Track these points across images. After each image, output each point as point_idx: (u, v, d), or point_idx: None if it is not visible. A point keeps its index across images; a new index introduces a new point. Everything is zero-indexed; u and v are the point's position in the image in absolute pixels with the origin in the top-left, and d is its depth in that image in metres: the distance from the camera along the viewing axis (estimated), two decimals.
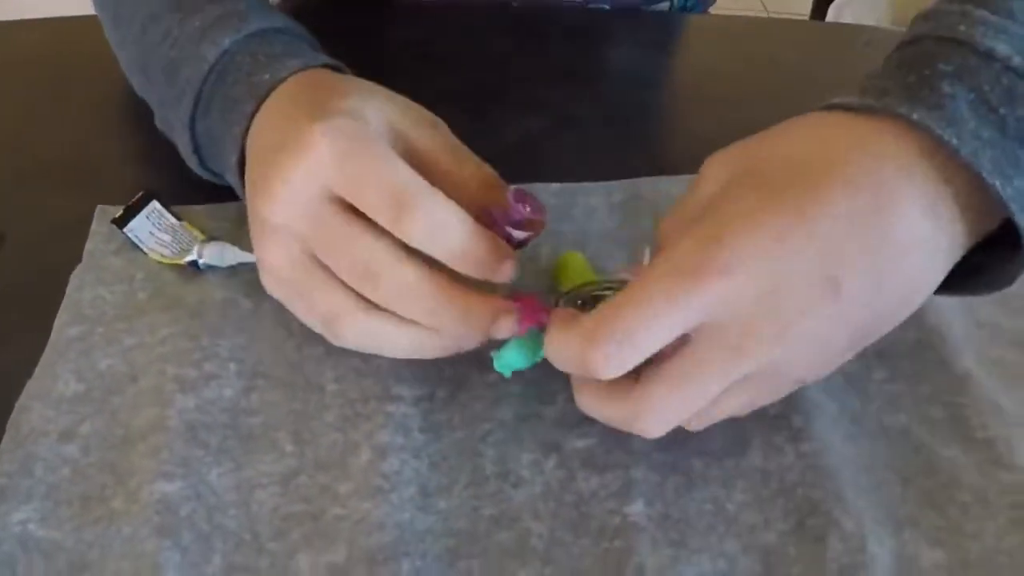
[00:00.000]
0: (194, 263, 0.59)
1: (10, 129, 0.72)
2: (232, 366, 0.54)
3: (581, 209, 0.62)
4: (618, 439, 0.50)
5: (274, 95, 0.55)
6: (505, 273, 0.49)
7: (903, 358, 0.55)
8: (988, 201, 0.44)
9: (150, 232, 0.61)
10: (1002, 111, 0.44)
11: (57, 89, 0.76)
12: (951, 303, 0.57)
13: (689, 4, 0.97)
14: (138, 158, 0.69)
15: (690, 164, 0.48)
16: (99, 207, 0.62)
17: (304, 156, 0.48)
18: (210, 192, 0.63)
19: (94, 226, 0.62)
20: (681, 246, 0.43)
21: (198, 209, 0.62)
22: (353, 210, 0.48)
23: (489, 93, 0.73)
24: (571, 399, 0.50)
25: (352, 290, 0.49)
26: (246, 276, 0.58)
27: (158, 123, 0.64)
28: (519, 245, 0.52)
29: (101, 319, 0.57)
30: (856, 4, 1.45)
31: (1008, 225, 0.45)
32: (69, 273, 0.59)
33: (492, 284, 0.50)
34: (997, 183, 0.43)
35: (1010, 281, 0.48)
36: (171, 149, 0.63)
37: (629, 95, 0.75)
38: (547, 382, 0.53)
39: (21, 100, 0.75)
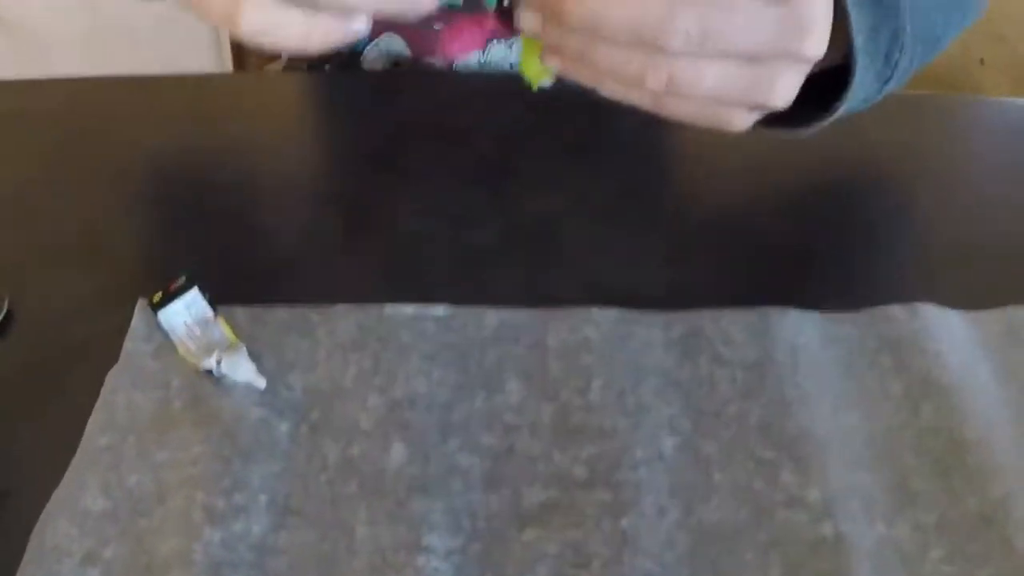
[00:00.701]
0: (210, 372, 0.57)
1: (24, 196, 0.71)
2: (262, 498, 0.52)
3: (638, 341, 0.59)
4: None
5: None
6: None
7: (964, 536, 0.52)
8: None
9: (184, 322, 0.59)
10: None
11: (72, 157, 0.75)
12: (1017, 471, 0.54)
13: None
14: (151, 238, 0.68)
15: (709, 245, 0.46)
16: (140, 301, 0.61)
17: None
18: (231, 279, 0.61)
19: (133, 322, 0.60)
20: None
21: (241, 311, 0.60)
22: None
23: (502, 170, 0.72)
24: (607, 562, 0.47)
25: None
26: (284, 395, 0.56)
27: None
28: None
29: (133, 427, 0.55)
30: None
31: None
32: (77, 358, 0.59)
33: None
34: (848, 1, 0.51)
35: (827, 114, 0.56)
36: (186, 228, 0.61)
37: (644, 170, 0.74)
38: (584, 543, 0.51)
39: (36, 165, 0.74)
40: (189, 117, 0.77)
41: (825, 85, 0.55)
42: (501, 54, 0.71)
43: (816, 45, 0.47)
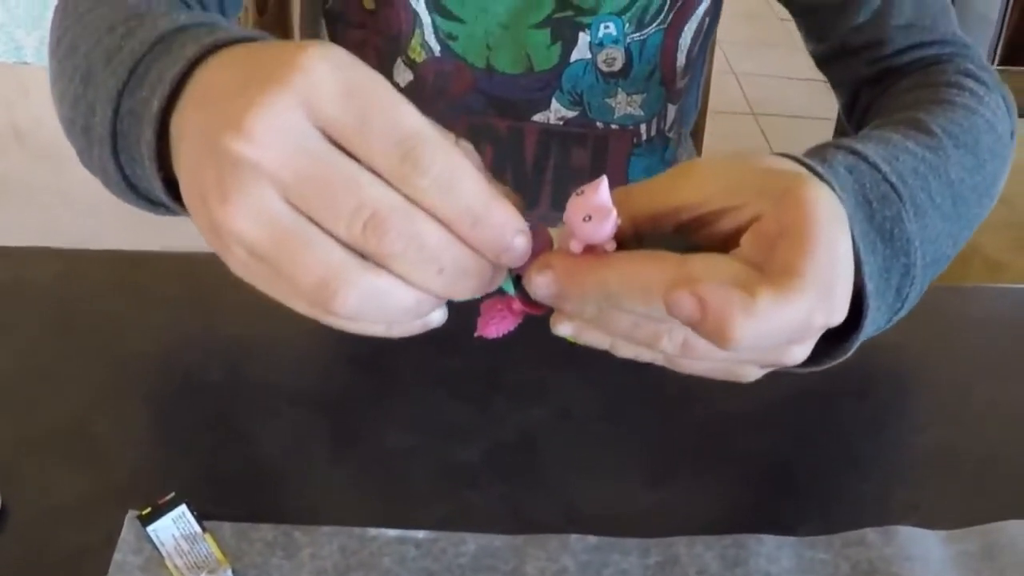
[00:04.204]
0: None
1: (18, 380, 0.73)
2: None
3: (614, 570, 0.61)
4: None
5: (230, 49, 0.47)
6: (518, 249, 0.43)
7: None
8: None
9: (173, 536, 0.61)
10: (874, 205, 0.55)
11: (65, 337, 0.76)
12: None
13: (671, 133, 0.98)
14: (141, 440, 0.69)
15: (691, 463, 0.46)
16: (130, 513, 0.62)
17: (294, 81, 0.40)
18: (219, 488, 0.62)
19: (123, 534, 0.61)
20: (814, 261, 0.43)
21: (228, 527, 0.62)
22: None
23: (488, 378, 0.73)
24: None
25: (347, 248, 0.42)
26: None
27: (80, 151, 0.58)
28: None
29: None
30: None
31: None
32: (70, 565, 0.59)
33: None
34: (860, 247, 0.52)
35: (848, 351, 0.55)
36: (176, 430, 0.62)
37: (626, 381, 0.74)
38: None
39: (29, 345, 0.76)
40: (183, 300, 0.79)
41: None
42: None
43: (836, 317, 0.46)
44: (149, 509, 0.62)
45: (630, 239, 0.48)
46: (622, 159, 0.96)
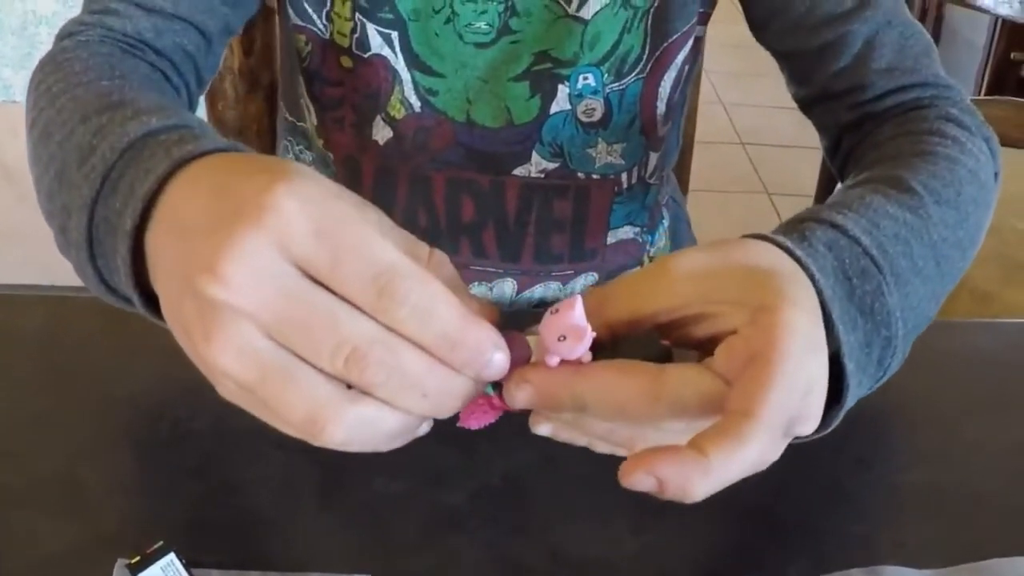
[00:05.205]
0: None
1: (4, 431, 0.73)
2: None
3: None
4: None
5: (199, 164, 0.48)
6: (496, 366, 0.44)
7: None
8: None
9: None
10: (854, 281, 0.54)
11: (52, 384, 0.76)
12: None
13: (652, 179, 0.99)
14: (128, 489, 0.69)
15: (677, 507, 0.46)
16: (118, 562, 0.62)
17: (265, 222, 0.41)
18: (207, 535, 0.62)
19: None
20: (771, 404, 0.45)
21: (216, 574, 0.62)
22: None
23: None
24: None
25: (331, 378, 0.43)
26: None
27: (58, 243, 0.58)
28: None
29: None
30: None
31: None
32: None
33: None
34: (840, 328, 0.51)
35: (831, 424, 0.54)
36: (164, 477, 0.62)
37: None
38: None
39: (16, 392, 0.76)
40: (169, 347, 0.78)
41: None
42: None
43: (809, 428, 0.48)
44: (138, 558, 0.62)
45: (606, 341, 0.49)
46: (604, 208, 0.97)
